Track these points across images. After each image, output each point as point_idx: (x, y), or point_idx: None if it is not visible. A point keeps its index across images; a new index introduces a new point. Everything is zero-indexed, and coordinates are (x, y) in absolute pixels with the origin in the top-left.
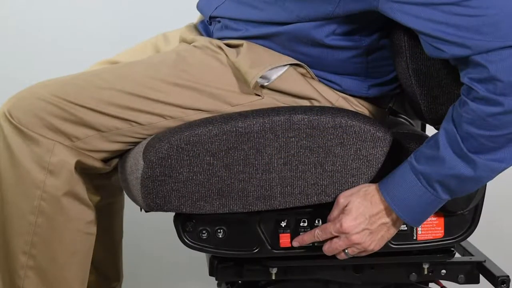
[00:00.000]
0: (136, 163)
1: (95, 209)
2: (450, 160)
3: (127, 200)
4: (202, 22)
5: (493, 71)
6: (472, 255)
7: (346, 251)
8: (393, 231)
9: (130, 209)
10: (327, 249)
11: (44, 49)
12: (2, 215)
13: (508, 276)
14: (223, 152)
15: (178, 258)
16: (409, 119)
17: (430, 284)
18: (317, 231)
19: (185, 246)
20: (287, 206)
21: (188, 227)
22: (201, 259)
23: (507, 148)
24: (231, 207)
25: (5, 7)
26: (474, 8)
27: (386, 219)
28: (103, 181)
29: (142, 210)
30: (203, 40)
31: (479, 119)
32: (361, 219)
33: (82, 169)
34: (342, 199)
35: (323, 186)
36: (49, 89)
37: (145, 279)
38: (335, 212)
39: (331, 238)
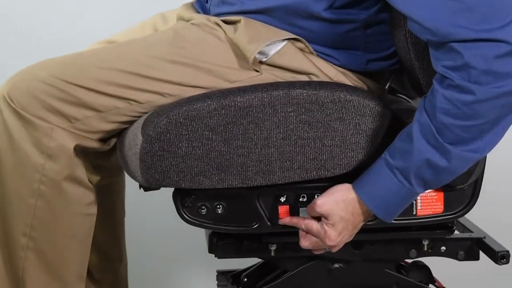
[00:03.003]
0: (134, 139)
1: (95, 188)
2: (425, 152)
3: (127, 199)
4: (198, 0)
5: (467, 57)
6: (472, 232)
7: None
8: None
9: (131, 209)
10: (313, 248)
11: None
12: (2, 197)
13: (508, 251)
14: (222, 127)
15: (179, 257)
16: (408, 100)
17: (430, 285)
18: (303, 226)
19: (185, 246)
20: (286, 181)
21: (187, 202)
22: (201, 257)
23: (480, 138)
24: (230, 182)
25: (5, 6)
26: None
27: (366, 219)
28: (103, 161)
29: (141, 189)
30: (201, 18)
31: (454, 108)
32: (345, 232)
33: (81, 150)
34: (319, 201)
35: (323, 161)
36: (47, 70)
37: (147, 276)
38: (311, 213)
39: None
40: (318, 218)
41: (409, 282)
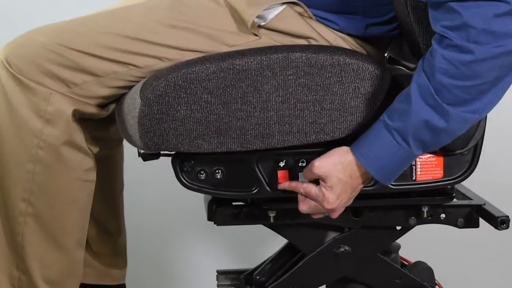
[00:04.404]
0: (133, 102)
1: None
2: (423, 113)
3: (127, 199)
4: None
5: (466, 17)
6: (471, 200)
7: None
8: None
9: (131, 211)
10: (311, 212)
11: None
12: (1, 163)
13: (507, 216)
14: (221, 90)
15: (179, 257)
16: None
17: None
18: (301, 190)
19: (185, 245)
20: (285, 144)
21: (186, 167)
22: (201, 257)
23: (479, 99)
24: (229, 145)
25: (5, 6)
26: None
27: (364, 182)
28: (102, 133)
29: (140, 158)
30: None
31: (453, 68)
32: (344, 195)
33: (80, 117)
34: (317, 163)
35: (322, 125)
36: (46, 36)
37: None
38: (309, 175)
39: None
40: (316, 183)
41: (411, 279)
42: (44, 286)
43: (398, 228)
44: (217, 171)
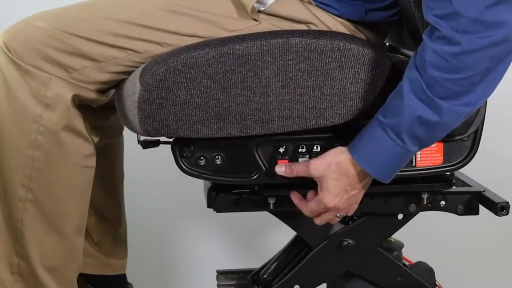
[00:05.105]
0: (133, 87)
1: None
2: (416, 108)
3: (127, 199)
4: None
5: (456, 4)
6: (471, 186)
7: (338, 215)
8: (369, 184)
9: (131, 211)
10: (320, 222)
11: None
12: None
13: (507, 202)
14: (221, 75)
15: (179, 257)
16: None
17: None
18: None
19: (185, 245)
20: (285, 130)
21: (186, 152)
22: (202, 257)
23: (471, 92)
24: (229, 130)
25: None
26: None
27: (364, 181)
28: (102, 122)
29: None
30: None
31: (443, 61)
32: (342, 193)
33: (79, 103)
34: (313, 166)
35: (322, 110)
36: (45, 21)
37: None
38: (303, 171)
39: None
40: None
41: (412, 277)
42: (43, 273)
43: (400, 217)
44: (216, 157)
